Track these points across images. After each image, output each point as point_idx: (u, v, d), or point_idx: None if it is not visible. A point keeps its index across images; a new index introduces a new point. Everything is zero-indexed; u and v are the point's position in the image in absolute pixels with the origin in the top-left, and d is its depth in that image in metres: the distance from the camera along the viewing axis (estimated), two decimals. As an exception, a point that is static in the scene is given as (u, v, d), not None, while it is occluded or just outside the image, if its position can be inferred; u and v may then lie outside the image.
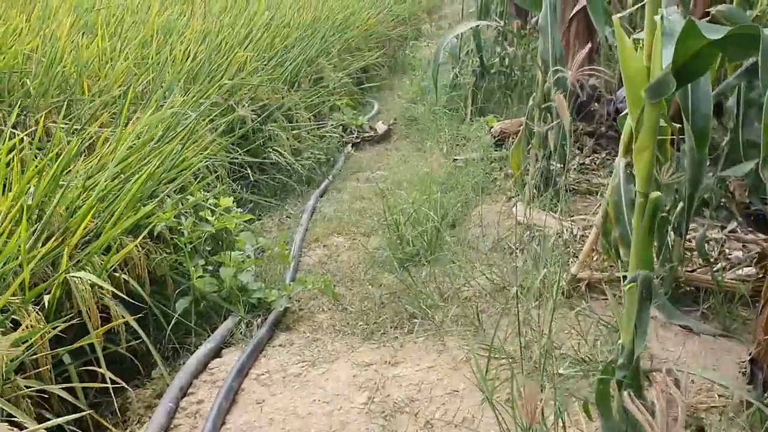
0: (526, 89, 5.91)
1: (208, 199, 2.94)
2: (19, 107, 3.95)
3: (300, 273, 3.46)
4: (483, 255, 3.26)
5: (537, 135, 3.62)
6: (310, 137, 5.05)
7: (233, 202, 3.25)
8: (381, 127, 6.03)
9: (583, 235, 3.28)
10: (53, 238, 2.61)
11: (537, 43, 6.26)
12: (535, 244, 3.13)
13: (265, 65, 5.27)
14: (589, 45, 3.22)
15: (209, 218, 2.90)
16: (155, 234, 2.80)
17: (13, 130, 3.79)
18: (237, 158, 4.16)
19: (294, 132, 4.93)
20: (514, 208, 3.62)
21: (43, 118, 3.87)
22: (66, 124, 3.91)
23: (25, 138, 3.72)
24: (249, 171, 4.37)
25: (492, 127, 4.88)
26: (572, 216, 3.52)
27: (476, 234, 3.53)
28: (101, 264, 2.52)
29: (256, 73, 5.06)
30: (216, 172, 3.86)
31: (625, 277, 2.92)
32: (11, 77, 4.11)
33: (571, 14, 4.41)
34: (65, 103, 4.09)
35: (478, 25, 5.28)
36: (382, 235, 3.69)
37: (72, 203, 2.69)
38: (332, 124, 5.78)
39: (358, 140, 5.77)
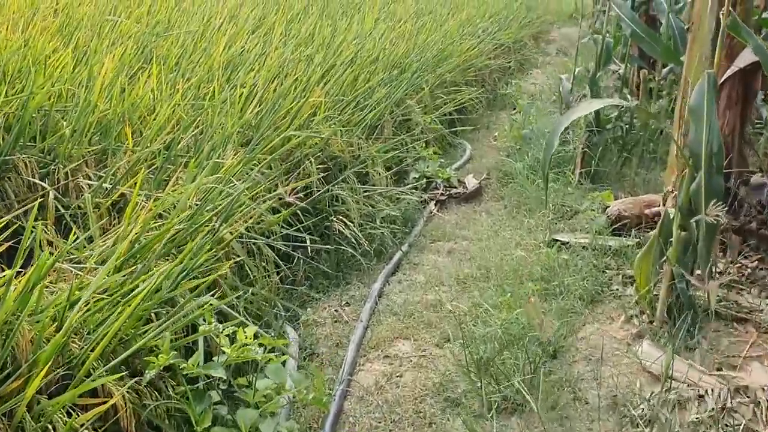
0: (649, 151, 4.96)
1: (222, 331, 2.23)
2: (50, 154, 3.41)
3: (349, 402, 2.71)
4: (594, 416, 2.40)
5: (675, 249, 2.72)
6: (385, 199, 4.29)
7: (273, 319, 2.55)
8: (471, 182, 5.21)
9: (739, 403, 2.36)
10: (18, 374, 1.98)
11: (664, 99, 5.28)
12: (669, 414, 2.25)
13: (343, 110, 4.57)
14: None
15: (225, 347, 2.19)
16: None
17: (40, 183, 3.27)
18: (290, 235, 3.46)
19: (366, 194, 4.18)
20: (640, 348, 2.72)
21: (71, 172, 3.35)
22: (100, 175, 3.36)
23: (51, 192, 3.18)
24: (307, 240, 3.65)
25: (608, 207, 3.97)
26: (719, 366, 2.59)
27: (585, 374, 2.66)
28: (66, 423, 1.85)
29: (330, 120, 4.37)
30: (261, 252, 3.16)
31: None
32: (50, 117, 3.56)
33: (723, 79, 3.46)
34: (102, 152, 3.54)
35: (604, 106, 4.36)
36: (458, 355, 2.88)
37: (44, 327, 2.04)
38: (414, 177, 5.01)
39: (444, 197, 4.97)
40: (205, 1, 7.37)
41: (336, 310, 3.45)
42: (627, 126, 5.13)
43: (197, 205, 3.04)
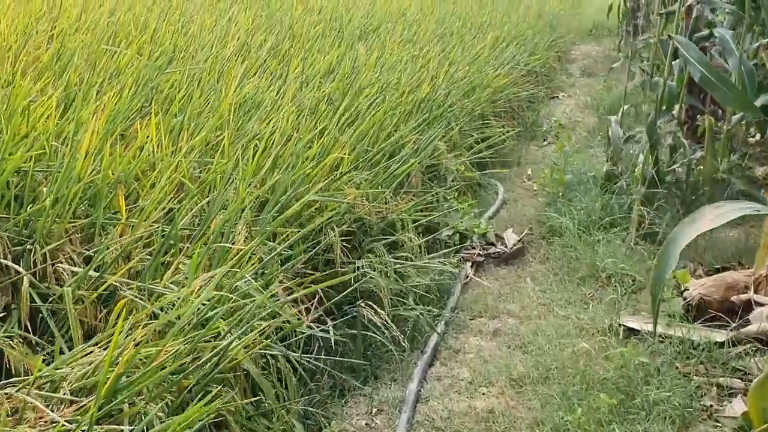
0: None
1: None
2: (27, 227, 2.84)
3: None
4: None
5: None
6: (417, 270, 3.70)
7: None
8: (510, 238, 4.62)
9: None
10: None
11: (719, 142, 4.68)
12: None
13: (369, 162, 4.00)
14: None
15: None
16: None
17: (14, 265, 2.71)
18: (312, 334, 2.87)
19: (397, 266, 3.60)
20: None
21: (50, 253, 2.80)
22: (89, 255, 2.81)
23: (26, 278, 2.63)
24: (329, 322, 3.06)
25: (685, 290, 3.38)
26: None
27: None
28: None
29: (354, 176, 3.80)
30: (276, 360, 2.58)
31: None
32: (30, 177, 2.99)
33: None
34: (90, 225, 2.97)
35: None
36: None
37: None
38: (447, 234, 4.43)
39: (482, 258, 4.38)
40: (215, 24, 6.86)
41: (366, 423, 2.86)
42: (688, 177, 4.54)
43: (203, 304, 2.48)
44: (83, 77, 4.37)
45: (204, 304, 2.45)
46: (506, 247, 4.50)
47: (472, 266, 4.30)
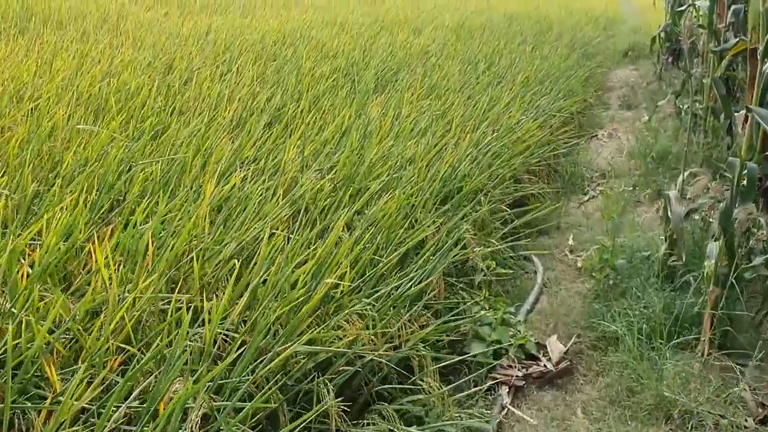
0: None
1: None
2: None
3: None
4: None
5: None
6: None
7: None
8: (555, 348, 3.82)
9: None
10: None
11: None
12: None
13: (377, 277, 3.26)
14: None
15: None
16: None
17: None
18: None
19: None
20: None
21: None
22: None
23: None
24: None
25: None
26: None
27: None
28: None
29: (354, 296, 3.06)
30: None
31: None
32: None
33: None
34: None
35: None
36: None
37: None
38: (480, 353, 3.64)
39: (522, 380, 3.59)
40: (221, 78, 6.29)
41: None
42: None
43: None
44: (44, 175, 3.78)
45: None
46: (550, 361, 3.70)
47: (509, 392, 3.51)
